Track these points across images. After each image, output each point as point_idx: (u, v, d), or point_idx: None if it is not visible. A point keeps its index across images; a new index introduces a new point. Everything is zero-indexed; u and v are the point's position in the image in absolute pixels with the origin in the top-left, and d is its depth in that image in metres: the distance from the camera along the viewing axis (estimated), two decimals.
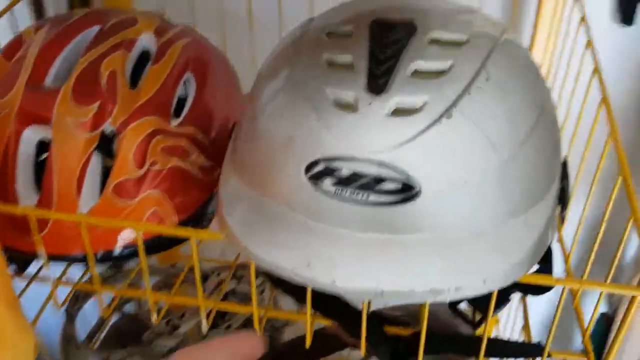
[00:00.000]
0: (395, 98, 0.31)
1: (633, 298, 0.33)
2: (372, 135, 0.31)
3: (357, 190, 0.31)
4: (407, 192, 0.31)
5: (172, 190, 0.44)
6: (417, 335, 0.40)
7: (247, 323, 0.68)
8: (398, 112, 0.31)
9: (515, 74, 0.35)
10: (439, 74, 0.32)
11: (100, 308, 0.45)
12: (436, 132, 0.31)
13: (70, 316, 0.60)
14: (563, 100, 0.57)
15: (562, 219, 0.36)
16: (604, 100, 0.46)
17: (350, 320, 0.40)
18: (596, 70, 0.49)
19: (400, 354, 0.41)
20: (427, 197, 0.31)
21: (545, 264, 0.38)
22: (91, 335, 0.67)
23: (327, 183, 0.31)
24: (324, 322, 0.45)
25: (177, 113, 0.46)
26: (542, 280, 0.35)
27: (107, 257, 0.43)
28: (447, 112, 0.31)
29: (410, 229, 0.31)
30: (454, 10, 0.38)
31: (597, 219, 0.43)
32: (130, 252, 0.44)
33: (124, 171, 0.42)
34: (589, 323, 0.40)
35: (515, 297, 0.50)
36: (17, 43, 0.47)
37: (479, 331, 0.45)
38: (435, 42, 0.34)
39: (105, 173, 0.43)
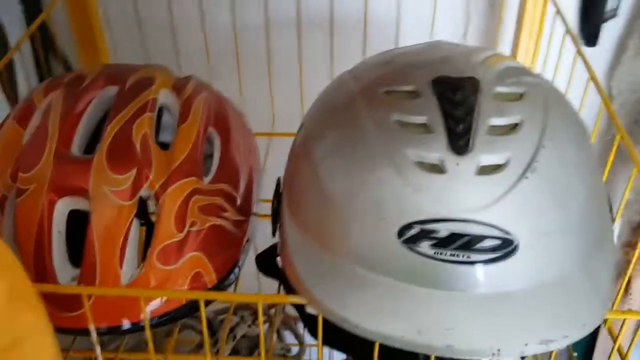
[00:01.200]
0: (480, 157, 0.32)
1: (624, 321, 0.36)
2: (464, 195, 0.31)
3: (457, 250, 0.31)
4: (506, 247, 0.31)
5: (211, 251, 0.44)
6: None
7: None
8: (485, 169, 0.32)
9: (570, 119, 0.37)
10: (513, 128, 0.34)
11: None
12: (524, 187, 0.32)
13: None
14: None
15: None
16: (592, 78, 0.49)
17: None
18: (579, 53, 0.52)
19: None
20: (525, 250, 0.32)
21: None
22: None
23: (425, 246, 0.32)
24: None
25: (206, 170, 0.45)
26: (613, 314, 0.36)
27: (158, 323, 0.42)
28: (530, 167, 0.32)
29: (514, 284, 0.32)
30: (484, 54, 0.39)
31: None
32: (170, 317, 0.43)
33: (166, 236, 0.41)
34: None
35: None
36: (28, 108, 0.45)
37: None
38: (499, 96, 0.35)
39: (144, 239, 0.42)
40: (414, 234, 0.32)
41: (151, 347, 0.40)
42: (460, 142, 0.32)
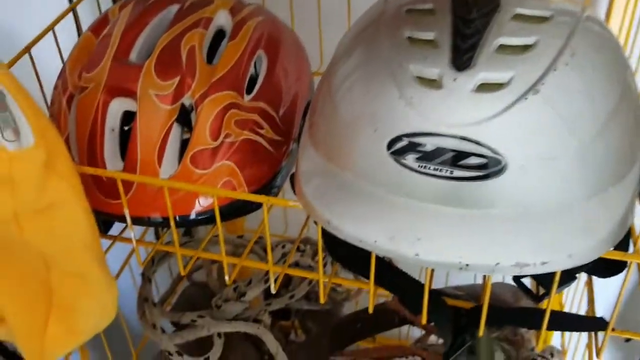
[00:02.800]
0: (481, 74, 0.31)
1: None
2: (456, 111, 0.31)
3: (440, 165, 0.32)
4: (492, 167, 0.31)
5: (243, 162, 0.47)
6: (478, 308, 0.40)
7: (310, 294, 0.70)
8: (483, 87, 0.31)
9: (599, 51, 0.35)
10: (525, 49, 0.32)
11: (179, 267, 0.48)
12: (522, 108, 0.31)
13: (147, 278, 0.64)
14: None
15: None
16: None
17: (412, 293, 0.41)
18: None
19: (462, 327, 0.42)
20: (511, 173, 0.31)
21: (621, 244, 0.37)
22: (163, 299, 0.71)
23: (410, 158, 0.32)
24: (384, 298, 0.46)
25: (249, 89, 0.48)
26: (612, 255, 0.34)
27: (183, 222, 0.46)
28: (533, 88, 0.31)
29: (494, 204, 0.32)
30: None
31: None
32: (204, 218, 0.47)
33: (200, 142, 0.45)
34: None
35: (581, 280, 0.50)
36: (103, 21, 0.50)
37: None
38: (519, 17, 0.34)
39: (183, 143, 0.46)
40: (401, 147, 0.32)
41: (176, 240, 0.44)
42: (463, 59, 0.32)
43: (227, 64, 0.47)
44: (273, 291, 0.45)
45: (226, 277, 0.46)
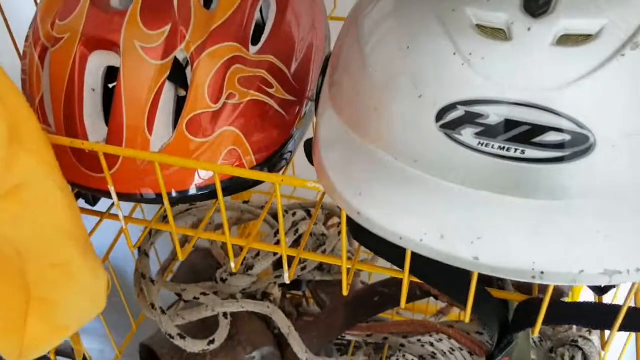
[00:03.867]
0: (563, 21, 0.24)
1: None
2: (531, 71, 0.24)
3: (508, 142, 0.25)
4: (576, 146, 0.24)
5: (250, 128, 0.40)
6: (533, 303, 0.34)
7: (322, 264, 0.65)
8: (566, 39, 0.24)
9: None
10: None
11: (176, 249, 0.41)
12: (617, 67, 0.24)
13: (144, 253, 0.58)
14: None
15: None
16: None
17: (454, 287, 0.35)
18: None
19: (511, 323, 0.36)
20: (601, 153, 0.24)
21: None
22: (164, 268, 0.65)
23: (468, 134, 0.25)
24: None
25: (255, 40, 0.40)
26: None
27: (181, 198, 0.40)
28: (631, 41, 0.24)
29: (578, 194, 0.25)
30: None
31: None
32: (206, 193, 0.40)
33: (198, 105, 0.38)
34: None
35: None
36: None
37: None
38: None
39: (179, 105, 0.39)
40: (456, 118, 0.25)
41: (171, 219, 0.38)
42: (539, 1, 0.25)
43: (229, 9, 0.39)
44: (287, 281, 0.39)
45: (232, 264, 0.40)
